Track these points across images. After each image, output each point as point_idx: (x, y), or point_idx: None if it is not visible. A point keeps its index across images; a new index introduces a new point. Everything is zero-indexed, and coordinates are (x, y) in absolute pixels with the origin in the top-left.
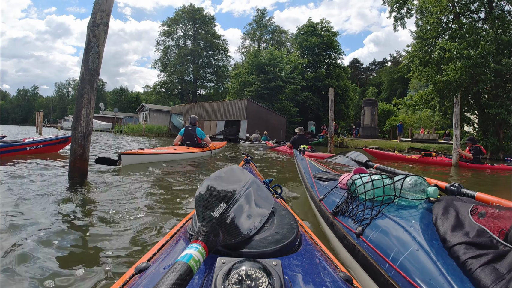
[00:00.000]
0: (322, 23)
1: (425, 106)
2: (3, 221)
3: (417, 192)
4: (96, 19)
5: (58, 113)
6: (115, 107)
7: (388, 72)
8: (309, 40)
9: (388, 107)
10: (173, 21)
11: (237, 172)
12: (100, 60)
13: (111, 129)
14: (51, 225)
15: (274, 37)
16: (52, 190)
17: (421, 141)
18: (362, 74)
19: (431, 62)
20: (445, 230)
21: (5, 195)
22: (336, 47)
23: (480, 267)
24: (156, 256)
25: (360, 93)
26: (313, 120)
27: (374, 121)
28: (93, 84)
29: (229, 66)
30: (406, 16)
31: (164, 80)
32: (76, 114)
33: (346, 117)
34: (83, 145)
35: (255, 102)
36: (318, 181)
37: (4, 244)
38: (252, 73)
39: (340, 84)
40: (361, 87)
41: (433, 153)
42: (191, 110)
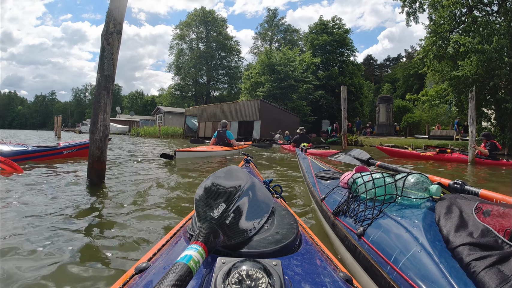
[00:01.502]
0: (333, 20)
1: (441, 102)
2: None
3: (420, 190)
4: (110, 28)
5: (76, 118)
6: (131, 110)
7: (403, 68)
8: (320, 38)
9: (404, 104)
10: (186, 24)
11: (237, 172)
12: (114, 66)
13: (128, 132)
14: (53, 224)
15: (286, 37)
16: (70, 190)
17: (437, 138)
18: (377, 70)
19: (446, 57)
20: (448, 230)
21: (32, 194)
22: (349, 45)
23: (485, 269)
24: (156, 256)
25: (375, 90)
26: (327, 119)
27: (390, 118)
28: (108, 89)
29: (241, 67)
30: (418, 10)
31: (178, 83)
32: (94, 118)
33: (361, 115)
34: (101, 147)
35: (268, 102)
36: (320, 180)
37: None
38: (263, 74)
39: (353, 81)
40: (376, 84)
41: (448, 150)
42: (205, 111)
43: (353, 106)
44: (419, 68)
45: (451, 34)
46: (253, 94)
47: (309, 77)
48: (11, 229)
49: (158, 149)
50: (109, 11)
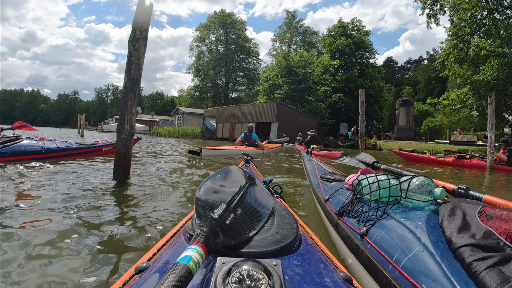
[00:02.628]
0: (353, 22)
1: (462, 106)
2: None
3: (424, 193)
4: (136, 34)
5: (98, 116)
6: (151, 110)
7: (425, 70)
8: (338, 42)
9: (425, 108)
10: (205, 27)
11: (237, 173)
12: (140, 70)
13: (148, 132)
14: (58, 221)
15: (304, 39)
16: (95, 185)
17: (458, 143)
18: (398, 73)
19: (467, 60)
20: (451, 232)
21: (58, 185)
22: (369, 47)
23: (486, 269)
24: (156, 256)
25: (395, 93)
26: (345, 121)
27: (410, 122)
28: (135, 92)
29: (260, 69)
30: (439, 13)
31: (198, 84)
32: (121, 119)
33: (380, 119)
34: (127, 145)
35: (286, 104)
36: (324, 182)
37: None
38: (281, 76)
39: (373, 84)
40: (396, 87)
41: (467, 156)
42: (223, 113)
43: (372, 109)
44: (440, 71)
45: (472, 37)
46: (270, 96)
47: (328, 79)
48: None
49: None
50: (135, 18)
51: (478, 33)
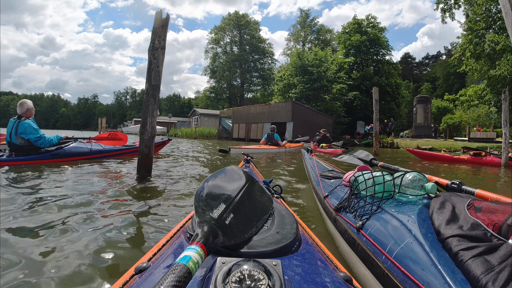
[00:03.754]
0: (368, 19)
1: (480, 102)
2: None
3: (416, 188)
4: (155, 44)
5: (117, 119)
6: (169, 112)
7: (443, 66)
8: (352, 38)
9: (444, 104)
10: (220, 29)
11: (237, 172)
12: (160, 77)
13: (166, 133)
14: (63, 219)
15: (319, 37)
16: (119, 182)
17: (478, 140)
18: (416, 69)
19: (483, 55)
20: (439, 223)
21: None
22: (384, 43)
23: (471, 258)
24: (156, 256)
25: (413, 90)
26: (361, 120)
27: (428, 119)
28: (155, 97)
29: (274, 68)
30: (454, 7)
31: (213, 86)
32: (143, 121)
33: (398, 116)
34: (149, 146)
35: (301, 104)
36: (323, 179)
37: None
38: (296, 75)
39: (390, 81)
40: (415, 83)
41: (483, 153)
42: (238, 113)
43: (390, 107)
44: (458, 66)
45: (487, 31)
46: (285, 96)
47: (343, 77)
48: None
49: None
50: (154, 29)
51: (493, 28)
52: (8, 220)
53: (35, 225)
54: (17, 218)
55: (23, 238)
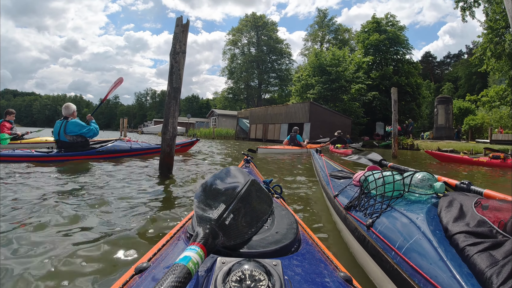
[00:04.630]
0: (387, 17)
1: (501, 103)
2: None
3: (425, 187)
4: (176, 48)
5: (138, 119)
6: (188, 113)
7: (465, 65)
8: (371, 38)
9: (465, 105)
10: (237, 30)
11: (236, 173)
12: (181, 80)
13: (185, 133)
14: (65, 217)
15: (337, 36)
16: (142, 179)
17: (500, 142)
18: (437, 68)
19: (504, 55)
20: (447, 220)
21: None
22: (404, 42)
23: (477, 253)
24: (156, 256)
25: (435, 90)
26: (381, 121)
27: (449, 120)
28: (177, 98)
29: (292, 69)
30: (473, 5)
31: (231, 87)
32: (165, 122)
33: (418, 117)
34: (170, 145)
35: (318, 104)
36: (333, 179)
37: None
38: (314, 75)
39: (410, 81)
40: (436, 83)
41: (501, 155)
42: (256, 114)
43: (410, 107)
44: (480, 66)
45: (507, 30)
46: (303, 96)
47: (361, 77)
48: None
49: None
50: (175, 34)
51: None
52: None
53: (47, 219)
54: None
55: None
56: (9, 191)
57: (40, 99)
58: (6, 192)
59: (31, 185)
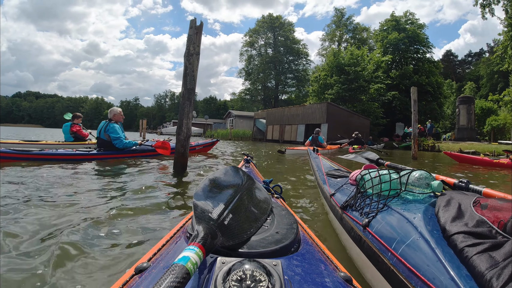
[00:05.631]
0: (406, 16)
1: None
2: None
3: (422, 186)
4: (190, 50)
5: (157, 121)
6: (205, 114)
7: (487, 64)
8: (390, 37)
9: (488, 105)
10: (254, 31)
11: (236, 173)
12: (195, 81)
13: (202, 134)
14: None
15: (355, 36)
16: (156, 177)
17: None
18: (458, 67)
19: None
20: (445, 220)
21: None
22: (424, 41)
23: (476, 254)
24: (156, 256)
25: (456, 89)
26: (401, 121)
27: (471, 121)
28: (191, 100)
29: (309, 69)
30: (493, 2)
31: (248, 88)
32: (179, 123)
33: (440, 117)
34: (184, 145)
35: (335, 105)
36: (330, 178)
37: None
38: (332, 75)
39: (430, 80)
40: (458, 82)
41: None
42: (272, 115)
43: (431, 107)
44: (502, 65)
45: None
46: (321, 97)
47: (380, 76)
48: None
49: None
50: (189, 36)
51: None
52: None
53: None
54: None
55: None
56: (29, 189)
57: (62, 101)
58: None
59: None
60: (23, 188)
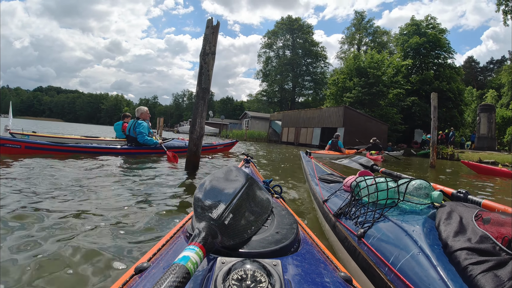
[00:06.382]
0: (427, 20)
1: None
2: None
3: (421, 196)
4: (206, 50)
5: (174, 119)
6: (222, 114)
7: (508, 72)
8: (411, 41)
9: (508, 114)
10: (273, 33)
11: (236, 172)
12: (210, 80)
13: (218, 134)
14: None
15: (375, 39)
16: (168, 177)
17: None
18: (480, 74)
19: None
20: (447, 235)
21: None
22: (445, 46)
23: (481, 273)
24: (156, 256)
25: (477, 97)
26: (420, 128)
27: (492, 130)
28: (205, 99)
29: (327, 72)
30: None
31: (265, 89)
32: (193, 122)
33: (460, 125)
34: (197, 144)
35: (353, 109)
36: (322, 183)
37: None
38: (351, 78)
39: (451, 87)
40: (479, 90)
41: None
42: (288, 117)
43: (451, 114)
44: None
45: None
46: (339, 100)
47: (400, 81)
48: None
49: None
50: (205, 36)
51: None
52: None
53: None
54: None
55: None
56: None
57: (83, 97)
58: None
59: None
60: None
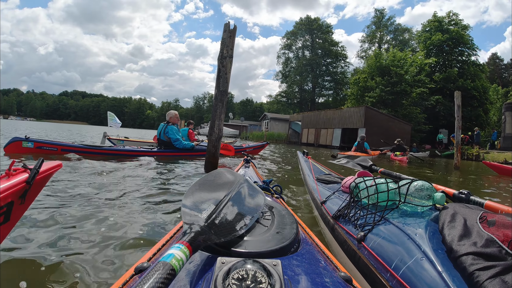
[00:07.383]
0: (449, 16)
1: None
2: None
3: (423, 198)
4: (224, 53)
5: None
6: (242, 116)
7: None
8: (433, 38)
9: None
10: (292, 34)
11: (227, 174)
12: (228, 83)
13: (238, 136)
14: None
15: (396, 37)
16: (185, 177)
17: None
18: (504, 72)
19: None
20: (451, 239)
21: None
22: (469, 42)
23: (488, 279)
24: (156, 256)
25: (503, 95)
26: (444, 128)
27: None
28: (223, 101)
29: (348, 72)
30: None
31: (285, 90)
32: (211, 124)
33: (485, 124)
34: (216, 146)
35: (374, 109)
36: (320, 184)
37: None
38: (372, 77)
39: (476, 85)
40: (504, 87)
41: None
42: (308, 118)
43: (476, 113)
44: None
45: None
46: (360, 100)
47: (423, 80)
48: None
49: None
50: (222, 40)
51: None
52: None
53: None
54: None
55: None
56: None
57: (108, 100)
58: None
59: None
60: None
